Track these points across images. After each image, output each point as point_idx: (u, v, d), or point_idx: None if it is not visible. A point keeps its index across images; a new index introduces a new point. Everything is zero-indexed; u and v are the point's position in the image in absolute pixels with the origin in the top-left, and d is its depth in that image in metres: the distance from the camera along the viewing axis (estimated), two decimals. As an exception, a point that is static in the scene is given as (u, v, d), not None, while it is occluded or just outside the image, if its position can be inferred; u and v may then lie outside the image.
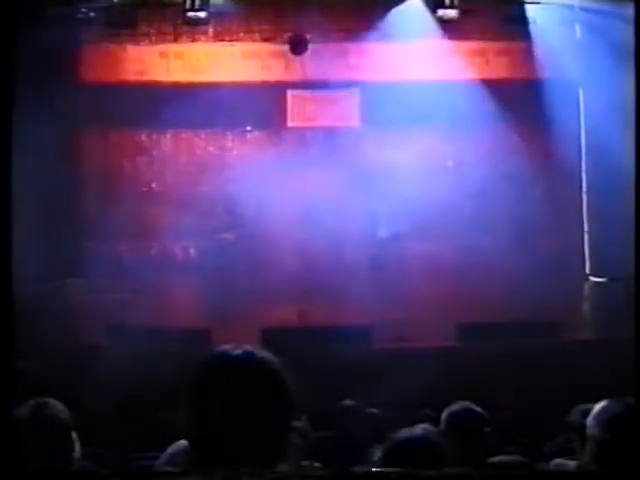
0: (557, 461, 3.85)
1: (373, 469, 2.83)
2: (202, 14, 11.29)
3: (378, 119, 11.72)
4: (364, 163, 11.49)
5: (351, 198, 11.23)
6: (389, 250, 11.36)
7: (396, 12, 11.79)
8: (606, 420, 2.86)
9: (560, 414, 5.18)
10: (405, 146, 11.42)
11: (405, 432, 2.83)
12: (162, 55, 12.23)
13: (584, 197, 12.01)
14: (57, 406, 3.25)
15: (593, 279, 11.53)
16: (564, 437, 4.77)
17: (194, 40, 12.23)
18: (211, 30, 12.13)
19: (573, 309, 10.25)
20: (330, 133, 12.32)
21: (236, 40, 12.25)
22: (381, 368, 8.46)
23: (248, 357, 2.06)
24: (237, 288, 10.66)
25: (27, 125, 9.88)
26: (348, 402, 5.86)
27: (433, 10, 11.30)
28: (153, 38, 12.21)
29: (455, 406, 4.12)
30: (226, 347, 2.11)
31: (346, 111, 12.41)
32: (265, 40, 12.20)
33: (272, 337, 8.51)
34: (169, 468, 3.18)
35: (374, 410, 5.43)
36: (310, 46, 11.84)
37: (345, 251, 11.23)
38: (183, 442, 2.56)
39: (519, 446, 4.79)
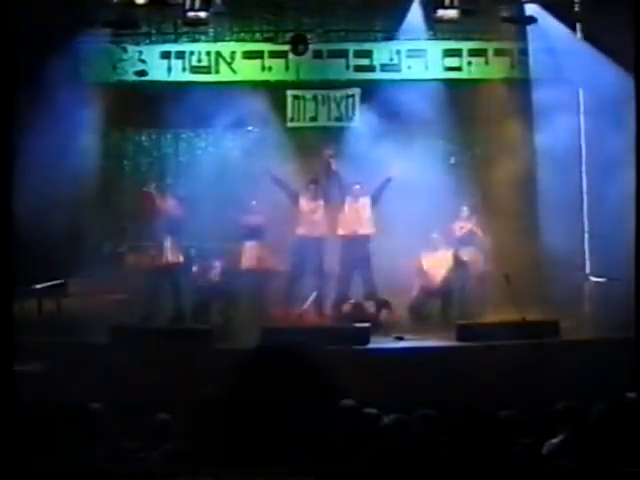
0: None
1: (371, 469, 2.84)
2: (202, 14, 11.30)
3: (378, 119, 11.74)
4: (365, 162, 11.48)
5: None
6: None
7: (396, 12, 11.80)
8: (602, 420, 2.87)
9: (560, 414, 5.19)
10: (405, 144, 11.40)
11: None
12: (162, 55, 12.24)
13: (584, 197, 12.02)
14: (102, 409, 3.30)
15: (593, 279, 11.53)
16: (564, 437, 4.77)
17: (194, 40, 12.23)
18: (211, 30, 12.14)
19: (573, 309, 10.25)
20: (330, 133, 12.32)
21: (236, 40, 12.25)
22: (381, 368, 8.49)
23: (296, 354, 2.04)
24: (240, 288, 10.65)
25: (27, 125, 9.93)
26: (347, 402, 5.86)
27: (433, 10, 11.30)
28: (153, 38, 12.22)
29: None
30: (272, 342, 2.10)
31: (346, 111, 12.42)
32: (265, 40, 12.20)
33: (272, 337, 8.54)
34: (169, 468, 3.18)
35: (373, 410, 5.43)
36: (310, 46, 11.84)
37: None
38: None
39: (519, 446, 4.80)
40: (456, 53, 12.16)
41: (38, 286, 9.32)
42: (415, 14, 11.67)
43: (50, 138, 10.68)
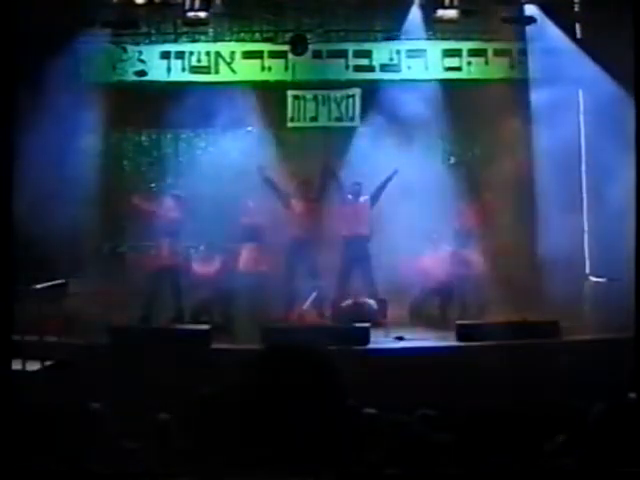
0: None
1: (372, 470, 2.84)
2: (202, 14, 11.30)
3: (378, 119, 11.75)
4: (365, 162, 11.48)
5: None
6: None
7: (396, 12, 11.80)
8: (603, 420, 2.87)
9: (560, 414, 5.18)
10: (405, 144, 11.41)
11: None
12: (162, 55, 12.23)
13: (584, 197, 12.02)
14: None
15: (593, 279, 11.53)
16: (564, 437, 4.77)
17: (194, 40, 12.23)
18: (211, 30, 12.13)
19: (573, 309, 10.25)
20: (330, 133, 12.33)
21: (236, 40, 12.24)
22: (381, 368, 8.49)
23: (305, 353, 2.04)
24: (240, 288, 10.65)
25: (27, 125, 9.93)
26: (347, 402, 5.86)
27: (433, 10, 11.31)
28: (153, 38, 12.22)
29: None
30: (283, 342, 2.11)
31: (346, 111, 12.42)
32: (265, 40, 12.19)
33: (272, 337, 8.54)
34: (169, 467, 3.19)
35: (372, 410, 5.43)
36: (310, 46, 11.83)
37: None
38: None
39: (519, 446, 4.79)
40: (456, 53, 12.15)
41: (38, 286, 9.30)
42: (415, 14, 11.67)
43: (50, 138, 10.68)
